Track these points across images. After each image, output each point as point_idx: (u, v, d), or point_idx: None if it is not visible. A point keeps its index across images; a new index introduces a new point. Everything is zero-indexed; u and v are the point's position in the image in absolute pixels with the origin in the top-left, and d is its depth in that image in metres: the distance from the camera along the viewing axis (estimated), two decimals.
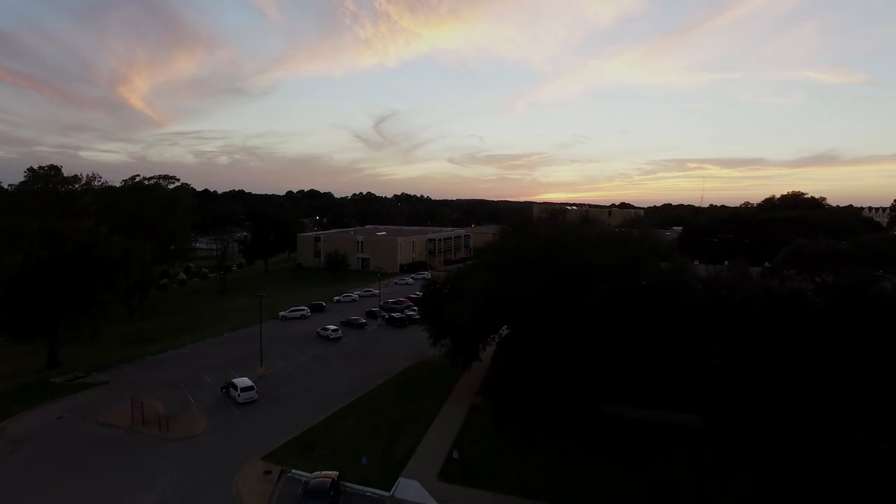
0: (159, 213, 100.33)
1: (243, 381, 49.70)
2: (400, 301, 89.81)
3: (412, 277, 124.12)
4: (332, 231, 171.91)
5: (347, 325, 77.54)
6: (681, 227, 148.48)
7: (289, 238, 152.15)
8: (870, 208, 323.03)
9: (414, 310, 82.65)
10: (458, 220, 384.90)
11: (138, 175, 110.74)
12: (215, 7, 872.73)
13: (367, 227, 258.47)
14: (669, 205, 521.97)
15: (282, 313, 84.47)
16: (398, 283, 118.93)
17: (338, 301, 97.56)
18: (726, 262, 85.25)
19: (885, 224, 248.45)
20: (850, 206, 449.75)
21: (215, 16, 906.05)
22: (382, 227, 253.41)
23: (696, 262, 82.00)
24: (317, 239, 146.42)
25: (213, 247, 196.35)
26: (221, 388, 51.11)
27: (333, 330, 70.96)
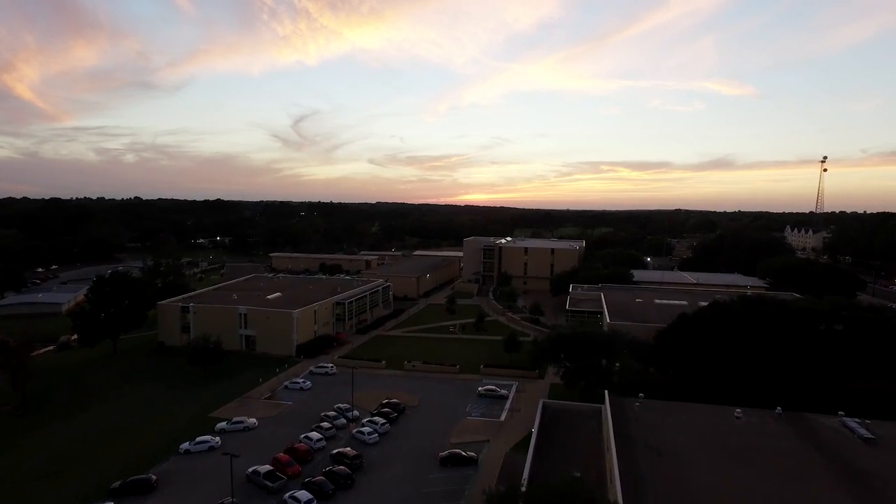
0: None
1: None
2: (279, 468, 58.39)
3: (311, 371, 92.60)
4: (210, 291, 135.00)
5: None
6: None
7: (150, 304, 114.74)
8: (792, 227, 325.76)
9: (302, 493, 52.68)
10: (378, 236, 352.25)
11: None
12: None
13: (274, 256, 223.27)
14: (598, 221, 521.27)
15: None
16: (290, 385, 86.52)
17: (186, 452, 64.25)
18: (737, 408, 60.00)
19: (815, 251, 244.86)
20: (768, 212, 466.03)
21: (118, 2, 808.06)
22: (290, 258, 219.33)
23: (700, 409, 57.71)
24: (185, 310, 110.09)
25: (60, 299, 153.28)
26: None
27: None
